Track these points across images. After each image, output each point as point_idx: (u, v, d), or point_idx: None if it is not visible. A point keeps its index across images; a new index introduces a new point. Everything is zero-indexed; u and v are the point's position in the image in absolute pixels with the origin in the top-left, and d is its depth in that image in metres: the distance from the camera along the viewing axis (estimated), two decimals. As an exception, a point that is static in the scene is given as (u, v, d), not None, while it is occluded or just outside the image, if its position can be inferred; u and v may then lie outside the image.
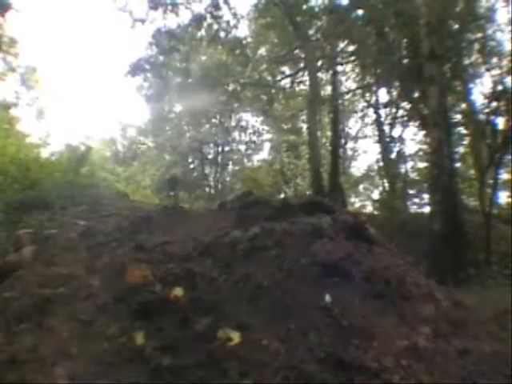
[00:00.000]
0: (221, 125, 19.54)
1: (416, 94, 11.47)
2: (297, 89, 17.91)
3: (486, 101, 10.41)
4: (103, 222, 3.73)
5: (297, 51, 16.29)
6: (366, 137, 19.89)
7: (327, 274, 2.18)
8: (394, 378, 1.56)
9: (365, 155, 22.85)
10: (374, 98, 17.04)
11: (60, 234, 3.17)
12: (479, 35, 11.56)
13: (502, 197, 13.29)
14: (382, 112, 16.86)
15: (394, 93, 15.09)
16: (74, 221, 4.16)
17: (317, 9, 13.70)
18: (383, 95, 16.54)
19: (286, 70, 17.80)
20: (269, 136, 21.52)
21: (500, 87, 10.03)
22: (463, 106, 12.67)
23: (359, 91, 17.80)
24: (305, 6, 13.38)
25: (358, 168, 21.85)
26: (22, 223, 4.79)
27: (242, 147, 21.37)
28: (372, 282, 2.20)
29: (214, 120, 19.53)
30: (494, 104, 9.87)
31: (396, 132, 16.76)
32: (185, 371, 1.53)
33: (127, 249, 2.58)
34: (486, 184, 10.13)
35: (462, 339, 1.91)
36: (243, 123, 20.72)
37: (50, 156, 9.54)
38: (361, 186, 22.29)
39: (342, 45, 15.26)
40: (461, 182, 12.51)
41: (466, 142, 14.04)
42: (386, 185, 16.44)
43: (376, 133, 17.66)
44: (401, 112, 16.04)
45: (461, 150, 14.20)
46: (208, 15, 12.88)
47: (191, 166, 20.50)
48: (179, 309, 1.86)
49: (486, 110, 10.27)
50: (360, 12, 12.89)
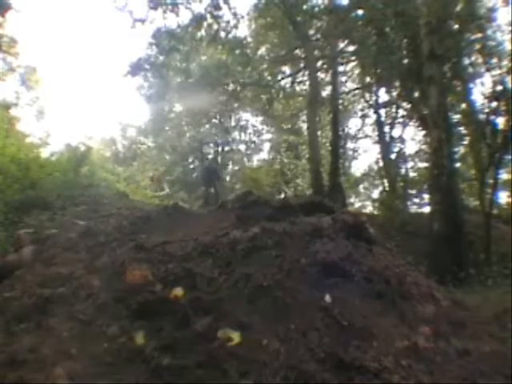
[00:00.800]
0: (221, 125, 19.53)
1: (416, 94, 11.46)
2: (297, 89, 17.92)
3: (485, 101, 10.42)
4: (103, 222, 3.73)
5: (297, 51, 16.29)
6: (366, 137, 19.90)
7: (327, 274, 2.18)
8: (394, 378, 1.56)
9: (365, 155, 22.84)
10: (373, 98, 17.06)
11: (60, 234, 3.17)
12: (479, 35, 11.54)
13: (502, 197, 13.30)
14: (382, 112, 16.89)
15: (394, 93, 15.09)
16: (74, 221, 4.15)
17: (317, 9, 13.69)
18: (383, 95, 16.56)
19: (286, 70, 17.81)
20: (269, 136, 21.55)
21: (500, 87, 10.03)
22: (463, 105, 12.66)
23: (359, 91, 17.81)
24: (305, 6, 13.38)
25: (358, 168, 21.86)
26: (22, 223, 4.79)
27: (242, 147, 21.38)
28: (372, 281, 2.20)
29: (214, 120, 19.53)
30: (494, 104, 9.87)
31: (396, 132, 16.79)
32: (185, 371, 1.53)
33: (127, 249, 2.57)
34: (485, 184, 10.13)
35: (462, 339, 1.91)
36: (243, 123, 20.74)
37: (50, 156, 9.55)
38: (361, 186, 22.29)
39: (341, 45, 15.27)
40: (461, 182, 12.51)
41: (466, 142, 14.03)
42: (386, 185, 16.45)
43: (376, 133, 17.68)
44: (401, 112, 16.07)
45: (461, 150, 14.19)
46: (208, 15, 12.89)
47: (191, 166, 20.49)
48: (179, 309, 1.86)
49: (486, 110, 10.27)
50: (360, 12, 12.89)
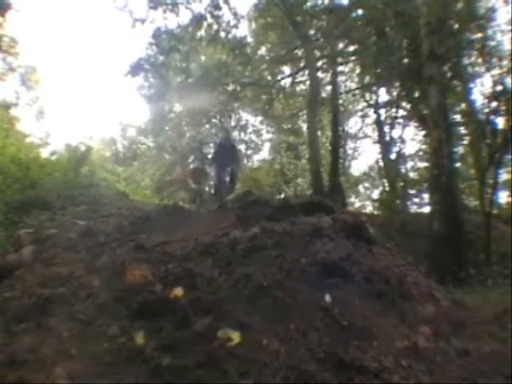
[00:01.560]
0: (221, 125, 19.53)
1: (416, 94, 11.46)
2: (297, 89, 17.90)
3: (485, 101, 10.41)
4: (103, 222, 3.73)
5: (297, 51, 16.28)
6: (366, 137, 19.90)
7: (327, 274, 2.18)
8: (394, 378, 1.56)
9: (365, 155, 22.88)
10: (374, 98, 17.06)
11: (60, 234, 3.17)
12: (479, 35, 11.54)
13: (502, 197, 13.30)
14: (382, 112, 16.88)
15: (394, 93, 15.09)
16: (74, 221, 4.15)
17: (317, 9, 13.69)
18: (383, 95, 16.55)
19: (286, 69, 17.80)
20: (269, 136, 21.53)
21: (500, 87, 10.03)
22: (463, 105, 12.66)
23: (359, 91, 17.80)
24: (305, 6, 13.37)
25: (358, 168, 21.86)
26: (22, 223, 4.79)
27: (242, 147, 21.37)
28: (372, 281, 2.20)
29: (213, 120, 19.52)
30: (494, 104, 9.87)
31: (396, 132, 16.78)
32: (185, 371, 1.53)
33: (127, 249, 2.57)
34: (485, 184, 10.13)
35: (462, 339, 1.91)
36: (243, 123, 20.73)
37: (50, 156, 9.54)
38: (361, 186, 22.30)
39: (341, 45, 15.26)
40: (461, 182, 12.51)
41: (466, 142, 14.03)
42: (386, 185, 16.44)
43: (376, 133, 17.67)
44: (401, 112, 16.05)
45: (461, 150, 14.19)
46: (208, 15, 12.89)
47: (191, 165, 20.48)
48: (179, 309, 1.86)
49: (486, 110, 10.27)
50: (360, 12, 12.89)
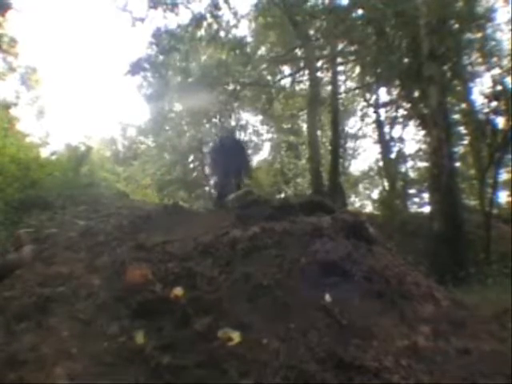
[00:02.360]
0: (221, 124, 19.51)
1: (416, 94, 11.46)
2: (297, 89, 17.90)
3: (485, 101, 10.42)
4: (103, 221, 3.72)
5: (297, 51, 16.28)
6: (365, 137, 19.90)
7: (327, 274, 2.18)
8: (394, 378, 1.56)
9: (365, 155, 22.86)
10: (374, 98, 17.06)
11: (60, 234, 3.17)
12: (479, 35, 11.54)
13: (502, 197, 13.31)
14: (382, 112, 16.88)
15: (394, 93, 15.09)
16: (74, 220, 4.15)
17: (317, 9, 13.68)
18: (383, 95, 16.55)
19: (286, 70, 17.79)
20: (269, 136, 21.52)
21: (500, 87, 10.03)
22: (463, 105, 12.66)
23: (359, 91, 17.80)
24: (305, 6, 13.36)
25: (358, 168, 21.86)
26: (22, 223, 4.79)
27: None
28: (372, 281, 2.20)
29: (214, 120, 19.52)
30: (494, 104, 9.87)
31: (396, 132, 16.78)
32: (185, 371, 1.53)
33: (127, 248, 2.57)
34: (485, 184, 10.13)
35: (461, 339, 1.91)
36: (243, 123, 20.72)
37: (50, 156, 9.54)
38: (361, 186, 22.30)
39: (341, 45, 15.25)
40: (461, 182, 12.51)
41: (466, 142, 14.03)
42: (386, 185, 16.45)
43: (376, 133, 17.68)
44: (401, 112, 16.05)
45: (461, 149, 14.19)
46: (208, 15, 12.88)
47: (191, 165, 20.47)
48: (179, 308, 1.86)
49: (486, 110, 10.28)
50: (360, 12, 12.88)
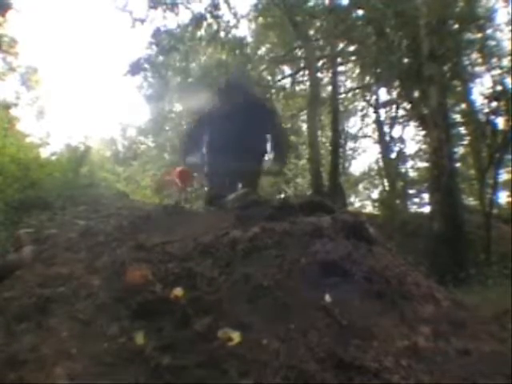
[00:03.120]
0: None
1: (416, 94, 11.47)
2: (297, 89, 17.91)
3: (485, 101, 10.43)
4: (103, 221, 3.72)
5: (297, 51, 16.28)
6: (365, 137, 19.92)
7: (327, 274, 2.17)
8: (394, 378, 1.56)
9: (365, 155, 22.93)
10: (373, 98, 17.08)
11: (60, 234, 3.16)
12: (479, 35, 11.56)
13: (502, 197, 13.32)
14: (382, 112, 16.90)
15: (394, 93, 15.10)
16: (74, 221, 4.15)
17: (317, 9, 13.69)
18: (383, 95, 16.58)
19: (286, 70, 17.80)
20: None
21: (500, 87, 10.04)
22: (463, 105, 12.67)
23: (359, 91, 17.82)
24: (305, 6, 13.37)
25: (358, 168, 21.89)
26: (22, 223, 4.78)
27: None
28: (372, 281, 2.20)
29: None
30: (494, 104, 9.88)
31: (396, 132, 16.80)
32: (185, 371, 1.52)
33: (127, 248, 2.57)
34: (485, 184, 10.14)
35: (461, 339, 1.91)
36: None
37: (50, 156, 9.54)
38: (361, 186, 22.31)
39: (341, 45, 15.26)
40: (461, 183, 12.52)
41: (466, 142, 14.04)
42: (386, 185, 16.46)
43: (376, 133, 17.69)
44: (401, 112, 16.07)
45: (461, 150, 14.20)
46: (208, 15, 12.89)
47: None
48: (179, 309, 1.85)
49: (486, 110, 10.29)
50: (360, 12, 12.90)
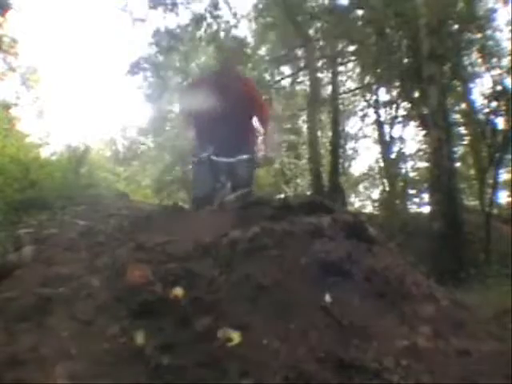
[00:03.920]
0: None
1: (416, 94, 11.48)
2: (297, 89, 17.91)
3: (485, 101, 10.43)
4: (103, 221, 3.72)
5: (297, 51, 16.29)
6: (366, 137, 19.93)
7: (327, 274, 2.17)
8: (394, 378, 1.56)
9: (365, 155, 22.94)
10: (374, 98, 17.07)
11: (60, 234, 3.16)
12: (479, 35, 11.57)
13: (502, 197, 13.32)
14: (382, 112, 16.90)
15: (394, 93, 15.10)
16: (74, 221, 4.15)
17: (317, 9, 13.70)
18: (383, 95, 16.58)
19: (286, 70, 17.81)
20: (269, 136, 21.48)
21: (500, 87, 10.04)
22: (463, 105, 12.68)
23: (359, 91, 17.82)
24: (305, 6, 13.38)
25: (358, 168, 21.92)
26: (21, 223, 4.79)
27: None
28: (372, 281, 2.20)
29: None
30: (494, 104, 9.89)
31: (396, 132, 16.80)
32: (185, 371, 1.52)
33: (127, 249, 2.56)
34: (486, 184, 10.14)
35: (461, 339, 1.91)
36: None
37: (50, 156, 9.55)
38: (361, 186, 22.32)
39: (341, 45, 15.26)
40: (461, 183, 12.52)
41: (466, 142, 14.05)
42: (386, 185, 16.46)
43: (376, 133, 17.70)
44: (401, 112, 16.07)
45: (461, 149, 14.21)
46: (208, 15, 12.91)
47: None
48: (179, 309, 1.85)
49: (486, 110, 10.29)
50: (360, 12, 12.91)
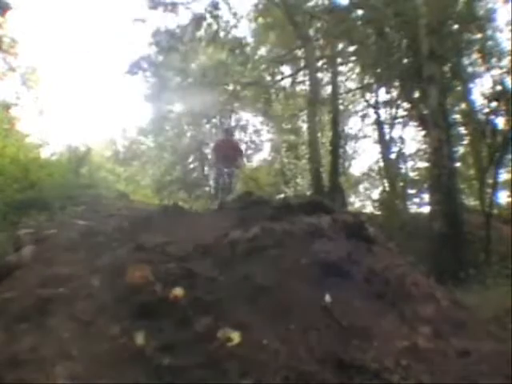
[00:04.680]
0: (221, 125, 19.51)
1: (416, 94, 11.47)
2: (297, 89, 17.91)
3: (485, 101, 10.42)
4: (103, 222, 3.73)
5: (297, 51, 16.29)
6: (366, 137, 19.92)
7: (327, 274, 2.18)
8: (394, 378, 1.56)
9: (365, 155, 22.95)
10: (374, 98, 17.07)
11: (60, 234, 3.17)
12: (479, 35, 11.56)
13: (502, 197, 13.32)
14: (382, 112, 16.89)
15: (394, 93, 15.10)
16: (74, 221, 4.16)
17: (317, 9, 13.71)
18: (383, 95, 16.56)
19: (286, 70, 17.81)
20: (269, 136, 21.53)
21: (500, 87, 10.03)
22: (463, 105, 12.67)
23: (359, 91, 17.82)
24: (305, 6, 13.39)
25: (358, 168, 21.92)
26: (21, 223, 4.80)
27: (243, 147, 21.32)
28: (372, 282, 2.20)
29: (214, 120, 19.52)
30: (494, 104, 9.88)
31: (396, 132, 16.80)
32: (185, 371, 1.53)
33: (127, 249, 2.57)
34: (485, 184, 10.13)
35: (462, 339, 1.91)
36: (243, 123, 20.71)
37: (50, 156, 9.55)
38: (361, 186, 22.32)
39: (341, 45, 15.26)
40: (461, 182, 12.52)
41: (466, 142, 14.04)
42: (386, 185, 16.45)
43: (376, 133, 17.69)
44: (401, 112, 16.06)
45: (461, 150, 14.21)
46: (208, 15, 12.91)
47: (191, 165, 20.46)
48: (179, 309, 1.86)
49: (486, 110, 10.29)
50: (360, 12, 12.90)
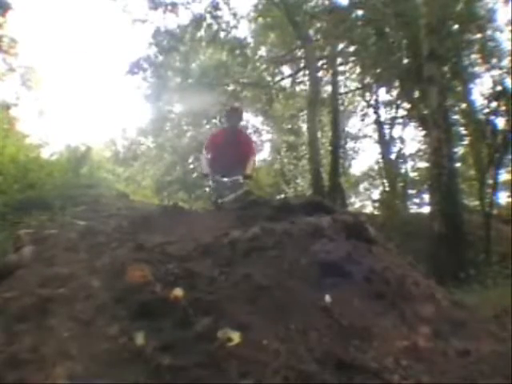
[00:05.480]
0: (221, 125, 19.50)
1: (416, 94, 11.48)
2: (297, 89, 17.93)
3: (485, 101, 10.43)
4: (103, 222, 3.73)
5: (297, 51, 16.29)
6: (366, 137, 19.93)
7: (327, 274, 2.18)
8: (394, 378, 1.56)
9: (365, 155, 22.95)
10: (374, 98, 17.08)
11: (60, 234, 3.17)
12: (479, 35, 11.56)
13: (502, 197, 13.32)
14: (382, 112, 16.90)
15: (394, 93, 15.10)
16: (74, 221, 4.16)
17: (317, 9, 13.71)
18: (383, 95, 16.58)
19: (286, 70, 17.82)
20: (269, 136, 21.54)
21: (500, 87, 10.04)
22: (463, 105, 12.67)
23: (359, 91, 17.83)
24: (305, 6, 13.39)
25: (358, 168, 21.92)
26: (22, 223, 4.80)
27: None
28: (372, 281, 2.20)
29: (213, 120, 19.51)
30: (494, 104, 9.88)
31: (396, 132, 16.81)
32: (185, 371, 1.52)
33: (127, 249, 2.57)
34: (485, 184, 10.14)
35: (462, 339, 1.91)
36: (243, 123, 20.69)
37: (50, 156, 9.55)
38: (361, 186, 22.33)
39: (341, 45, 15.26)
40: (461, 183, 12.52)
41: (466, 142, 14.04)
42: (386, 185, 16.46)
43: (376, 133, 17.70)
44: (401, 112, 16.07)
45: (461, 150, 14.21)
46: (208, 15, 12.91)
47: (191, 166, 20.46)
48: (179, 309, 1.85)
49: (486, 110, 10.29)
50: (360, 12, 12.91)
